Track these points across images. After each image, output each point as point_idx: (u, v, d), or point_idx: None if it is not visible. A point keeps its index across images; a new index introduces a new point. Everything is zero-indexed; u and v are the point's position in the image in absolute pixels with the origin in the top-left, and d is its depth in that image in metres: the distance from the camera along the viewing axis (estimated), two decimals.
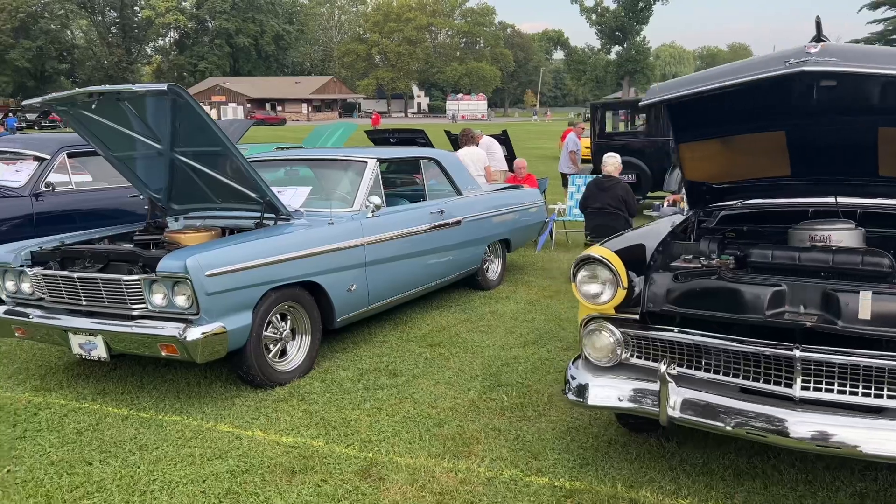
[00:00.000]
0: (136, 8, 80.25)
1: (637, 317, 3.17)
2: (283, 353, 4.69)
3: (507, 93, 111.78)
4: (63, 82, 74.65)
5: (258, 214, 5.06)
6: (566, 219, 9.42)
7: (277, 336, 4.62)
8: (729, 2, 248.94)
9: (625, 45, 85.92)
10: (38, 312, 4.58)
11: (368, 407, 4.23)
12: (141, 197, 7.73)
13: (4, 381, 4.81)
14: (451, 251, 6.36)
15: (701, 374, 3.01)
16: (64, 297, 4.48)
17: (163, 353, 4.11)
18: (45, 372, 4.95)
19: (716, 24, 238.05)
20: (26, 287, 4.68)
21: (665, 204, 6.64)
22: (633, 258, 3.32)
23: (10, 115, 47.16)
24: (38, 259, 4.72)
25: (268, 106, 79.97)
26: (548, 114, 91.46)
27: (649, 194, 11.71)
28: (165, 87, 4.11)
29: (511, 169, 10.44)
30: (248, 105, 78.08)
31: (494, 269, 7.24)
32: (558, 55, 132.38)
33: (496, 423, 3.98)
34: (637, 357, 3.21)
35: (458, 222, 6.40)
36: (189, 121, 4.40)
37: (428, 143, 12.59)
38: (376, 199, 5.38)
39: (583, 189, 7.95)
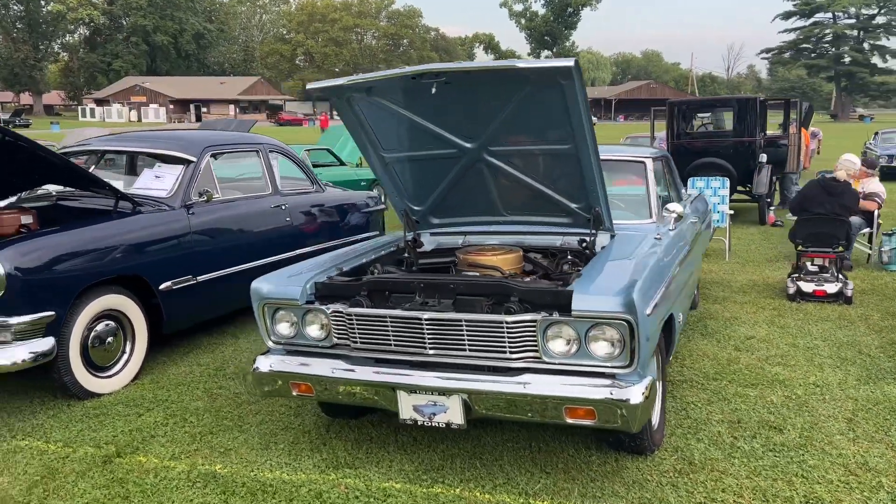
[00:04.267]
0: (42, 1, 74.46)
1: None
2: None
3: None
4: None
5: (560, 230, 4.10)
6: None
7: None
8: (644, 9, 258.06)
9: (554, 50, 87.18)
10: (343, 365, 3.43)
11: None
12: (312, 206, 6.58)
13: None
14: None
15: None
16: (391, 344, 3.35)
17: (567, 420, 3.08)
18: None
19: (630, 31, 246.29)
20: (314, 330, 3.52)
21: None
22: None
23: None
24: (322, 293, 3.57)
25: (192, 107, 76.11)
26: None
27: (735, 196, 11.22)
28: (572, 63, 3.07)
29: None
30: (171, 106, 74.07)
31: None
32: (480, 59, 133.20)
33: None
34: None
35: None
36: (560, 109, 3.38)
37: None
38: (678, 208, 4.50)
39: None
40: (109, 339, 4.63)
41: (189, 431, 4.00)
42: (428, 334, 3.24)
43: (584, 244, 3.98)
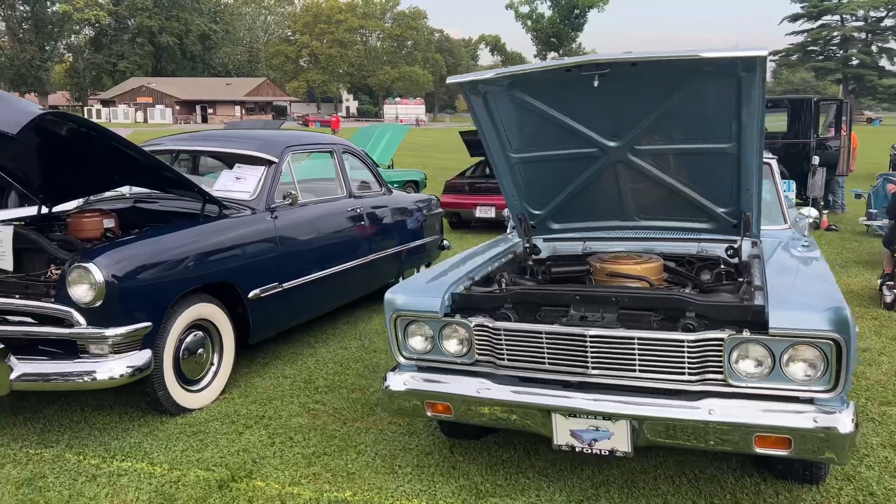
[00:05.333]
0: (48, 2, 74.14)
1: None
2: None
3: (437, 97, 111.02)
4: None
5: (698, 235, 3.82)
6: None
7: None
8: (650, 9, 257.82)
9: (560, 52, 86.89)
10: (489, 385, 3.13)
11: None
12: (382, 209, 6.30)
13: None
14: None
15: None
16: (544, 362, 3.05)
17: (755, 450, 2.78)
18: None
19: (634, 33, 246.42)
20: (452, 345, 3.23)
21: None
22: None
23: None
24: (460, 305, 3.28)
25: (198, 108, 75.83)
26: None
27: None
28: (765, 53, 2.78)
29: None
30: (178, 107, 73.81)
31: None
32: (483, 61, 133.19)
33: None
34: None
35: None
36: (730, 103, 3.09)
37: None
38: (812, 212, 4.21)
39: None
40: (199, 350, 4.33)
41: (300, 452, 3.71)
42: (591, 352, 2.95)
43: (731, 251, 3.69)
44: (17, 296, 3.85)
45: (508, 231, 4.77)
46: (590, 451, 3.00)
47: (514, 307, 3.20)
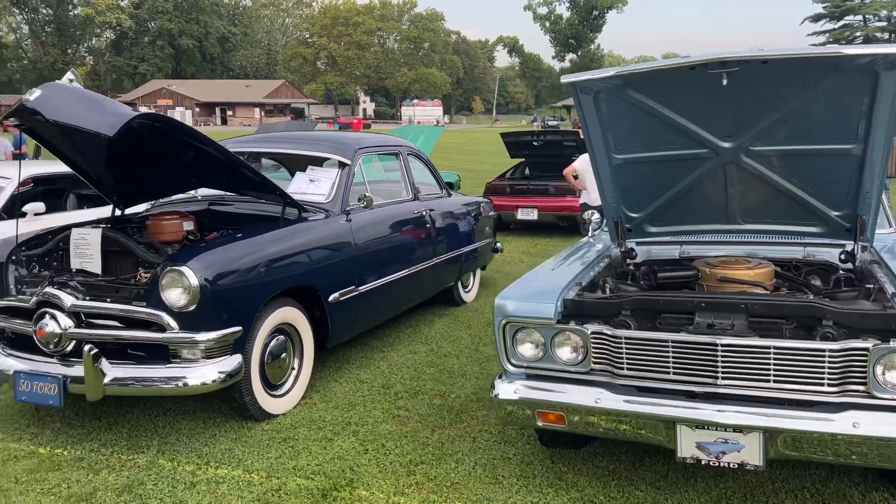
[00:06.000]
0: (71, 5, 74.98)
1: None
2: None
3: (454, 99, 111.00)
4: None
5: (806, 239, 3.69)
6: None
7: None
8: (667, 10, 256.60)
9: (579, 53, 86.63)
10: (608, 394, 3.03)
11: None
12: (445, 212, 6.21)
13: None
14: None
15: None
16: (669, 372, 2.94)
17: None
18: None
19: (650, 34, 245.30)
20: (565, 353, 3.13)
21: None
22: None
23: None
24: (572, 311, 3.18)
25: (217, 110, 76.32)
26: (497, 120, 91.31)
27: None
28: None
29: None
30: (198, 109, 74.32)
31: None
32: (500, 62, 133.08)
33: None
34: None
35: None
36: (862, 103, 2.97)
37: (580, 146, 11.30)
38: None
39: None
40: (283, 354, 4.26)
41: (397, 461, 3.62)
42: (722, 362, 2.84)
43: (845, 256, 3.57)
44: (108, 299, 3.80)
45: (590, 235, 4.66)
46: (717, 463, 2.89)
47: (632, 314, 3.10)
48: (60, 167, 7.10)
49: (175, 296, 3.62)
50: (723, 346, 2.81)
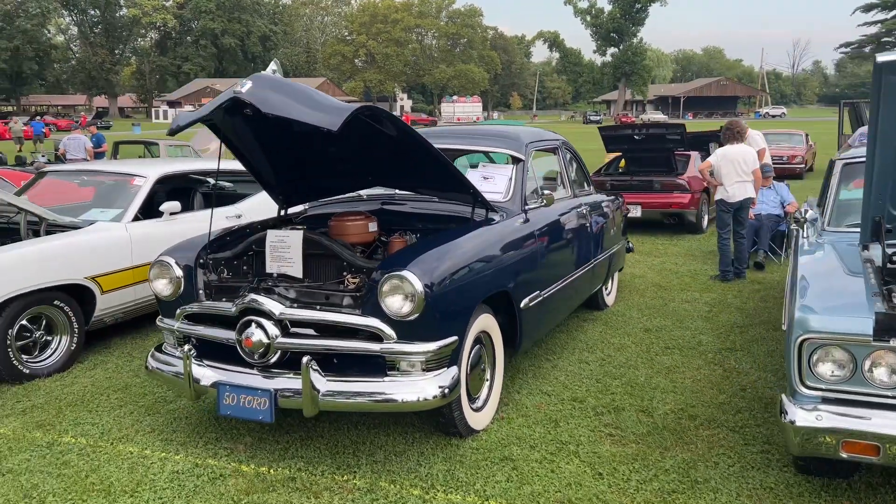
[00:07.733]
0: (118, 6, 76.12)
1: None
2: None
3: (491, 95, 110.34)
4: (38, 85, 70.31)
5: None
6: None
7: None
8: (706, 4, 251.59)
9: (620, 47, 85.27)
10: None
11: None
12: (597, 209, 5.86)
13: None
14: None
15: None
16: None
17: None
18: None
19: (689, 28, 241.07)
20: (882, 374, 2.72)
21: None
22: None
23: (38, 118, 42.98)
24: (884, 326, 2.75)
25: None
26: (535, 116, 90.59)
27: None
28: None
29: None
30: None
31: None
32: (537, 57, 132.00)
33: None
34: None
35: None
36: None
37: (683, 141, 10.79)
38: None
39: None
40: (482, 365, 3.92)
41: (644, 488, 3.25)
42: None
43: None
44: (318, 307, 3.48)
45: (804, 234, 4.23)
46: None
47: None
48: (184, 165, 6.92)
49: (397, 303, 3.29)
50: None
